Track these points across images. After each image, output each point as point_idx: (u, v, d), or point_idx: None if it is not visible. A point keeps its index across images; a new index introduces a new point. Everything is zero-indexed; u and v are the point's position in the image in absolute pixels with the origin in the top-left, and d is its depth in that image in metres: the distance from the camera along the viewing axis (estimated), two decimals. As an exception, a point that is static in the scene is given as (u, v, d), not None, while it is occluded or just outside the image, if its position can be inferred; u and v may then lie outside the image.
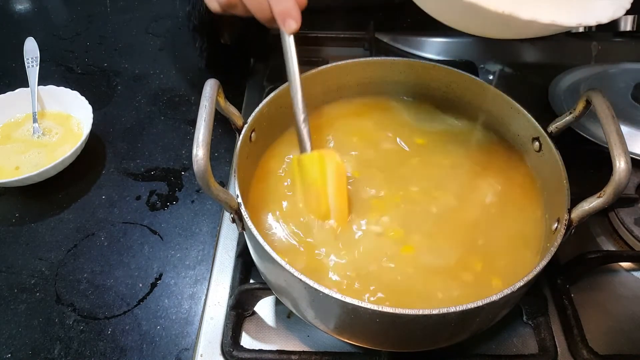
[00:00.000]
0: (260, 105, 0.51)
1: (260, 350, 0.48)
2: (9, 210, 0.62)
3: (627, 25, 0.83)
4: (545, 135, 0.49)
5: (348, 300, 0.36)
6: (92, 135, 0.68)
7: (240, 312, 0.50)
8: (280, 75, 0.76)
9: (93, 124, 0.66)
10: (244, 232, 0.44)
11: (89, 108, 0.67)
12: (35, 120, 0.68)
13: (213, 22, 0.63)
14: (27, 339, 0.50)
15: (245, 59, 0.76)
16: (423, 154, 0.55)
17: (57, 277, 0.55)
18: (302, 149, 0.49)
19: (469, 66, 0.78)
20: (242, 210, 0.42)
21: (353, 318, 0.39)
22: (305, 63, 0.76)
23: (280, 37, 0.49)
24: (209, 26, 0.64)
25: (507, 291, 0.37)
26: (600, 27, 0.83)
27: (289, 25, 0.49)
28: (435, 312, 0.36)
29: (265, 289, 0.49)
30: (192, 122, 0.73)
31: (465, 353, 0.48)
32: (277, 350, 0.47)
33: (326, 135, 0.57)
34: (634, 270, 0.56)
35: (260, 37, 0.74)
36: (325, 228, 0.47)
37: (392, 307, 0.36)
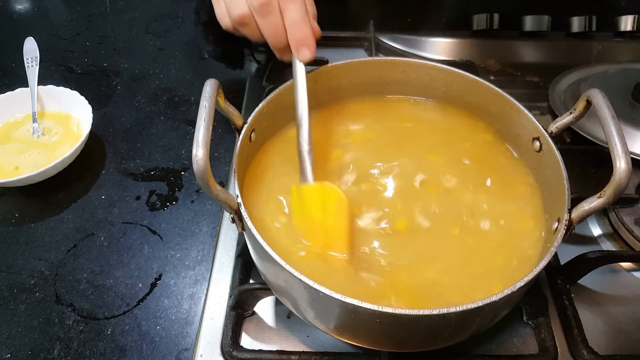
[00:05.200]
0: (260, 105, 0.51)
1: (260, 351, 0.48)
2: (8, 210, 0.62)
3: (627, 25, 0.83)
4: (546, 135, 0.49)
5: (348, 300, 0.36)
6: (92, 135, 0.68)
7: (240, 312, 0.50)
8: (280, 75, 0.77)
9: (93, 124, 0.66)
10: (244, 232, 0.44)
11: (89, 108, 0.67)
12: (35, 120, 0.68)
13: None
14: (26, 339, 0.50)
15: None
16: (423, 154, 0.55)
17: (57, 277, 0.55)
18: (304, 179, 0.47)
19: (469, 66, 0.78)
20: (242, 210, 0.42)
21: (353, 318, 0.39)
22: (306, 63, 0.77)
23: (292, 64, 0.49)
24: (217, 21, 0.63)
25: (507, 291, 0.37)
26: (600, 27, 0.83)
27: (304, 54, 0.48)
28: (435, 312, 0.36)
29: (265, 289, 0.49)
30: (192, 122, 0.73)
31: (465, 353, 0.48)
32: (277, 351, 0.47)
33: (326, 136, 0.56)
34: (634, 270, 0.56)
35: None
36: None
37: (392, 308, 0.36)
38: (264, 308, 0.52)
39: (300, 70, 0.49)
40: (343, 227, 0.46)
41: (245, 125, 0.48)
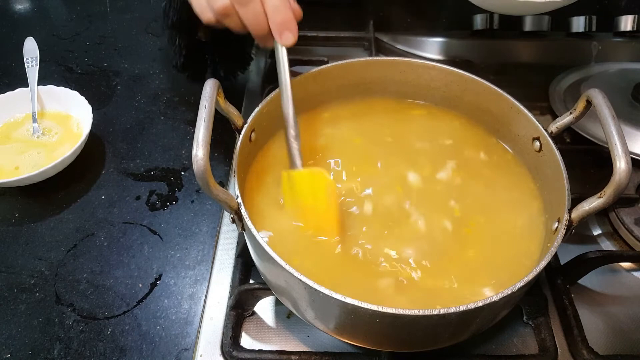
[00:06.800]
0: (260, 105, 0.51)
1: (260, 351, 0.48)
2: (8, 210, 0.62)
3: (627, 25, 0.83)
4: (546, 135, 0.49)
5: (348, 300, 0.36)
6: (92, 135, 0.68)
7: (240, 312, 0.50)
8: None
9: (93, 124, 0.66)
10: (244, 232, 0.44)
11: (89, 108, 0.67)
12: (34, 120, 0.68)
13: (191, 18, 0.61)
14: (27, 339, 0.50)
15: (226, 59, 0.71)
16: (422, 155, 0.55)
17: (57, 277, 0.55)
18: (292, 165, 0.49)
19: (469, 66, 0.78)
20: (242, 210, 0.42)
21: (353, 318, 0.39)
22: (306, 63, 0.77)
23: (274, 50, 0.49)
24: (187, 23, 0.62)
25: (507, 291, 0.37)
26: (600, 27, 0.83)
27: (286, 37, 0.48)
28: (435, 312, 0.36)
29: (265, 289, 0.49)
30: (192, 122, 0.72)
31: (466, 353, 0.48)
32: (277, 351, 0.47)
33: (325, 136, 0.56)
34: (634, 270, 0.56)
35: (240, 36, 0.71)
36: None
37: (392, 308, 0.36)
38: (264, 308, 0.52)
39: (283, 55, 0.49)
40: (332, 210, 0.47)
41: (245, 125, 0.48)
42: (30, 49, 0.75)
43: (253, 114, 0.50)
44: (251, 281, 0.53)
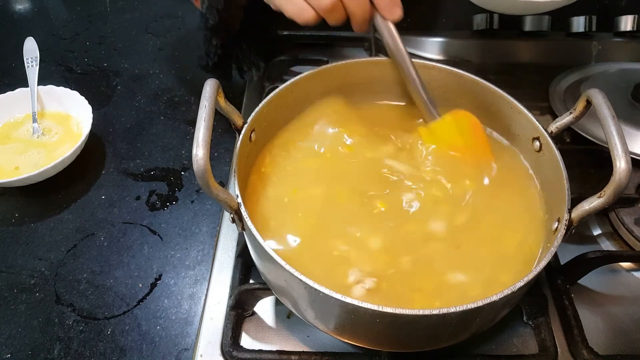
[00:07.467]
0: (260, 105, 0.51)
1: (260, 351, 0.48)
2: (8, 210, 0.62)
3: (627, 25, 0.83)
4: (546, 135, 0.49)
5: (348, 300, 0.36)
6: (92, 135, 0.68)
7: (240, 312, 0.50)
8: (279, 75, 0.77)
9: (93, 124, 0.66)
10: (244, 232, 0.44)
11: (89, 108, 0.67)
12: (34, 120, 0.68)
13: (229, 17, 0.61)
14: (26, 339, 0.50)
15: (252, 52, 0.73)
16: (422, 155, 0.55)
17: (57, 277, 0.55)
18: (431, 118, 0.54)
19: (469, 66, 0.78)
20: (242, 210, 0.42)
21: (353, 318, 0.39)
22: (306, 63, 0.77)
23: (379, 29, 0.52)
24: (225, 25, 0.62)
25: (507, 291, 0.37)
26: (600, 27, 0.83)
27: (397, 13, 0.51)
28: (435, 312, 0.36)
29: (265, 289, 0.49)
30: (192, 122, 0.73)
31: (465, 353, 0.48)
32: (277, 351, 0.47)
33: (326, 135, 0.56)
34: (634, 270, 0.56)
35: (263, 34, 0.71)
36: None
37: (392, 307, 0.36)
38: (264, 308, 0.52)
39: (392, 28, 0.53)
40: (484, 138, 0.53)
41: (245, 125, 0.48)
42: (30, 49, 0.75)
43: (253, 114, 0.50)
44: (251, 281, 0.53)
